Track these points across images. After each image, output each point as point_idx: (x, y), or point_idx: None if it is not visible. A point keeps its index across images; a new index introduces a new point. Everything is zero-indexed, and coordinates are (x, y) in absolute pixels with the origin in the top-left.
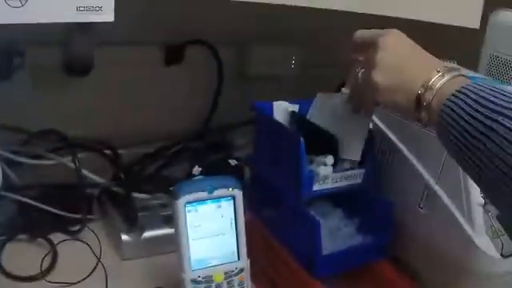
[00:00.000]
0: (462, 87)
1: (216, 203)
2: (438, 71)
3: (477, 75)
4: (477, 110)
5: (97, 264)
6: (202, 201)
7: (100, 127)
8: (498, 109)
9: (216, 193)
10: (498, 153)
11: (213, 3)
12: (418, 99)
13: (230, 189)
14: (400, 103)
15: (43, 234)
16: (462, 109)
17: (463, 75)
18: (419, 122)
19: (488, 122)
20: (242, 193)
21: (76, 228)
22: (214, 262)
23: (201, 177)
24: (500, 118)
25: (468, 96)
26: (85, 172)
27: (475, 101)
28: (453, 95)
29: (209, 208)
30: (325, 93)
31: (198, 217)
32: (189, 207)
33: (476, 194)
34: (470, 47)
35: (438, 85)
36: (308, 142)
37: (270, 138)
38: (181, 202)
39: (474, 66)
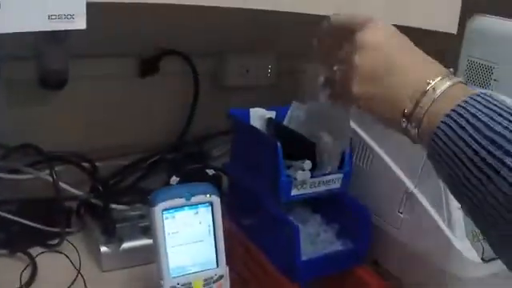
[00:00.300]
0: (459, 105)
1: (193, 210)
2: (429, 82)
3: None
4: (478, 143)
5: (77, 276)
6: (179, 207)
7: (77, 140)
8: (506, 145)
9: (193, 199)
10: (498, 197)
11: (187, 14)
12: (406, 116)
13: (208, 195)
14: (384, 116)
15: (22, 248)
16: (460, 137)
17: (461, 82)
18: (407, 137)
19: (492, 161)
20: (219, 199)
21: (55, 241)
22: (193, 269)
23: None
24: (508, 160)
25: (467, 120)
26: (63, 185)
27: (475, 128)
28: (448, 116)
29: (186, 215)
30: (300, 102)
31: (176, 224)
32: (166, 214)
33: None
34: (448, 53)
35: (429, 100)
36: (285, 147)
37: (247, 145)
38: (157, 208)
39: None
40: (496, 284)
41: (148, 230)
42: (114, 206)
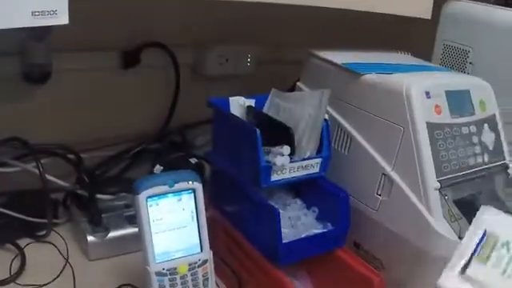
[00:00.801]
0: None
1: (177, 197)
2: None
3: None
4: None
5: (65, 265)
6: (162, 194)
7: (62, 133)
8: None
9: (176, 186)
10: None
11: (166, 5)
12: None
13: (190, 182)
14: None
15: (10, 240)
16: None
17: None
18: None
19: None
20: (201, 186)
21: (43, 232)
22: (178, 255)
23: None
24: None
25: None
26: (49, 177)
27: None
28: None
29: (170, 201)
30: (279, 90)
31: (160, 210)
32: (150, 201)
33: (432, 178)
34: (422, 38)
35: None
36: (265, 134)
37: (227, 133)
38: (142, 196)
39: (427, 56)
40: None
41: (133, 219)
42: (99, 196)
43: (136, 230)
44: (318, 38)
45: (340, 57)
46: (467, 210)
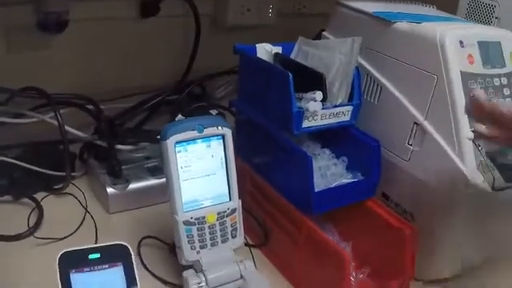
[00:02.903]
0: None
1: (206, 142)
2: None
3: None
4: None
5: (85, 215)
6: (191, 140)
7: (78, 84)
8: None
9: (205, 131)
10: None
11: None
12: None
13: (220, 127)
14: None
15: (28, 194)
16: None
17: None
18: None
19: None
20: (231, 132)
21: (60, 185)
22: (206, 203)
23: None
24: None
25: None
26: (67, 128)
27: None
28: None
29: (199, 148)
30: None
31: (188, 157)
32: (178, 147)
33: (466, 128)
34: None
35: None
36: (295, 80)
37: (255, 79)
38: (170, 141)
39: (451, 11)
40: (507, 213)
41: (154, 171)
42: (119, 146)
43: (157, 181)
44: None
45: (369, 6)
46: (499, 161)
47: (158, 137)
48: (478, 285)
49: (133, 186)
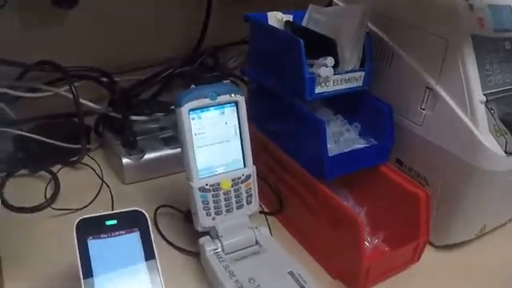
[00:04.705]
0: None
1: (219, 110)
2: None
3: None
4: None
5: (101, 186)
6: (205, 107)
7: (91, 57)
8: None
9: (219, 99)
10: None
11: None
12: None
13: (233, 95)
14: None
15: (44, 167)
16: None
17: None
18: None
19: None
20: (244, 99)
21: (76, 158)
22: (221, 170)
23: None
24: None
25: None
26: (82, 101)
27: None
28: None
29: (212, 115)
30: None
31: (202, 124)
32: (192, 114)
33: (477, 91)
34: None
35: None
36: (306, 47)
37: (267, 47)
38: (184, 109)
39: None
40: None
41: (169, 141)
42: (133, 117)
43: (172, 151)
44: None
45: None
46: None
47: (173, 107)
48: (491, 249)
49: (148, 156)
